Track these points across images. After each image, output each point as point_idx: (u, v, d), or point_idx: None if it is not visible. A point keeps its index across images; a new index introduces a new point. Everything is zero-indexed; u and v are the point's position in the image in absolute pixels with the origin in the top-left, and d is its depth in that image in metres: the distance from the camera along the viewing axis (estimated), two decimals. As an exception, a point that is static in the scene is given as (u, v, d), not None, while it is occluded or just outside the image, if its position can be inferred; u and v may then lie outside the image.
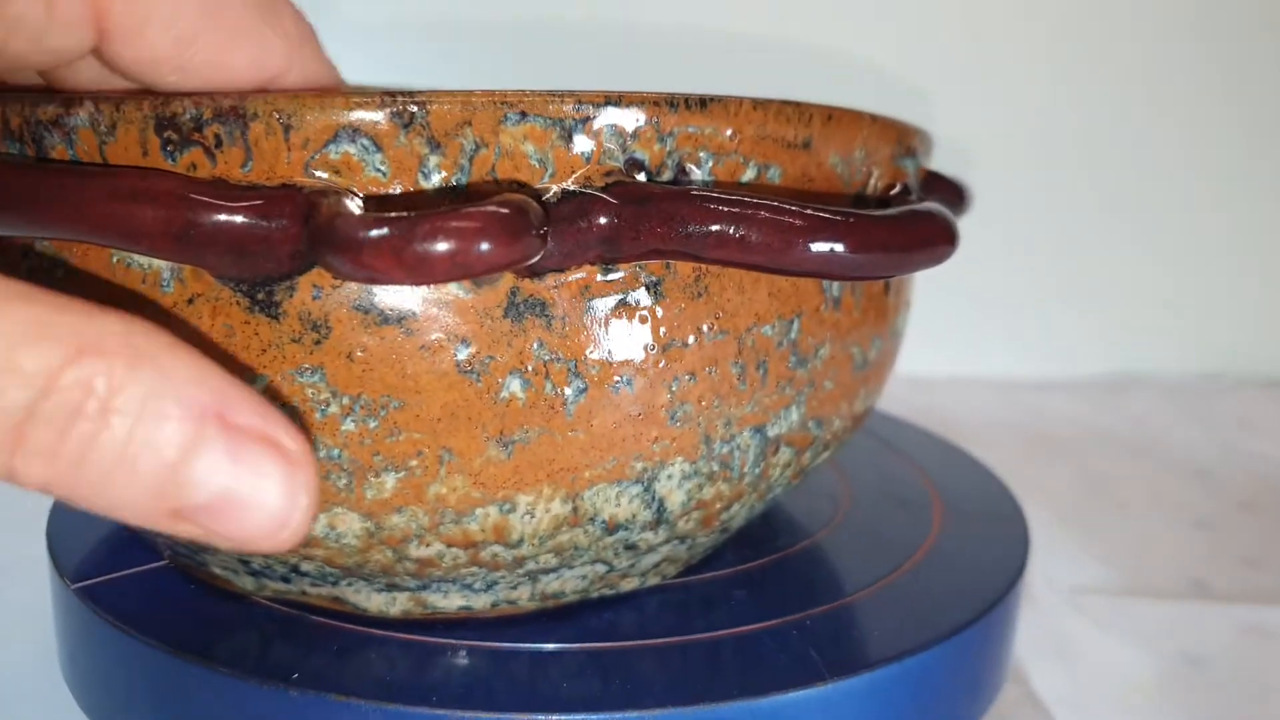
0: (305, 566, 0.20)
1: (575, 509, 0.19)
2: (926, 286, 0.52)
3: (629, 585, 0.23)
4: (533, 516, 0.19)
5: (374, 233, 0.14)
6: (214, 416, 0.13)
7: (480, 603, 0.21)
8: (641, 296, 0.18)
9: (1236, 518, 0.38)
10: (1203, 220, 0.54)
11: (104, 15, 0.15)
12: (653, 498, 0.20)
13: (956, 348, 0.53)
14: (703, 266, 0.18)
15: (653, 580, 0.23)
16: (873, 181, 0.21)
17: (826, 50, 0.49)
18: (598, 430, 0.19)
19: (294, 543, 0.14)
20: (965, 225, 0.25)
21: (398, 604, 0.21)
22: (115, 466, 0.13)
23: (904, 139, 0.22)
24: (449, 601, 0.21)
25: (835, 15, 0.50)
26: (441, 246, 0.14)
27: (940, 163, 0.26)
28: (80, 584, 0.24)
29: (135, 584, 0.24)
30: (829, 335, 0.21)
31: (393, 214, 0.15)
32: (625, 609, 0.23)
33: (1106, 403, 0.51)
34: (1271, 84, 0.52)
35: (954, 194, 0.25)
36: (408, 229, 0.14)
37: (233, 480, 0.13)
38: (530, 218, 0.15)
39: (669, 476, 0.20)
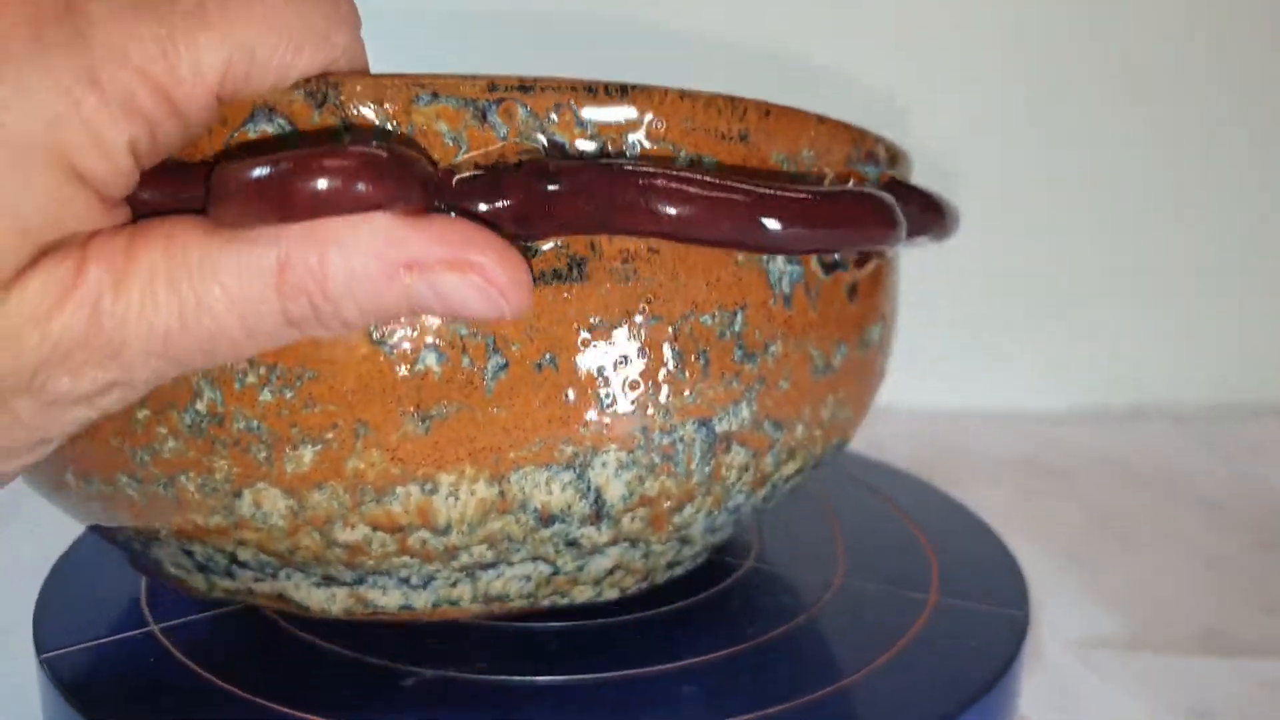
0: (243, 555, 0.20)
1: (502, 493, 0.19)
2: (927, 318, 0.52)
3: (582, 595, 0.22)
4: (457, 499, 0.19)
5: (250, 174, 0.15)
6: (403, 269, 0.16)
7: (421, 602, 0.21)
8: (563, 275, 0.18)
9: (1251, 557, 0.37)
10: (1214, 243, 0.53)
11: (223, 90, 0.17)
12: (588, 487, 0.19)
13: (961, 380, 0.52)
14: (630, 249, 0.18)
15: (609, 593, 0.22)
16: (826, 183, 0.21)
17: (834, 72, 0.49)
18: (520, 410, 0.18)
19: (524, 313, 0.17)
20: (969, 255, 0.24)
21: (338, 601, 0.21)
22: (368, 320, 0.17)
23: (862, 144, 0.22)
24: (389, 599, 0.21)
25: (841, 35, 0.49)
26: (318, 184, 0.15)
27: (937, 185, 0.25)
28: (47, 654, 0.23)
29: (103, 654, 0.23)
30: (780, 332, 0.20)
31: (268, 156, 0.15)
32: (565, 701, 0.21)
33: (1115, 434, 0.50)
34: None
35: (927, 206, 0.24)
36: (281, 167, 0.15)
37: (445, 304, 0.16)
38: (413, 164, 0.16)
39: (603, 465, 0.19)
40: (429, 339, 0.18)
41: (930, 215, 0.24)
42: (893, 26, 0.50)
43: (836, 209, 0.18)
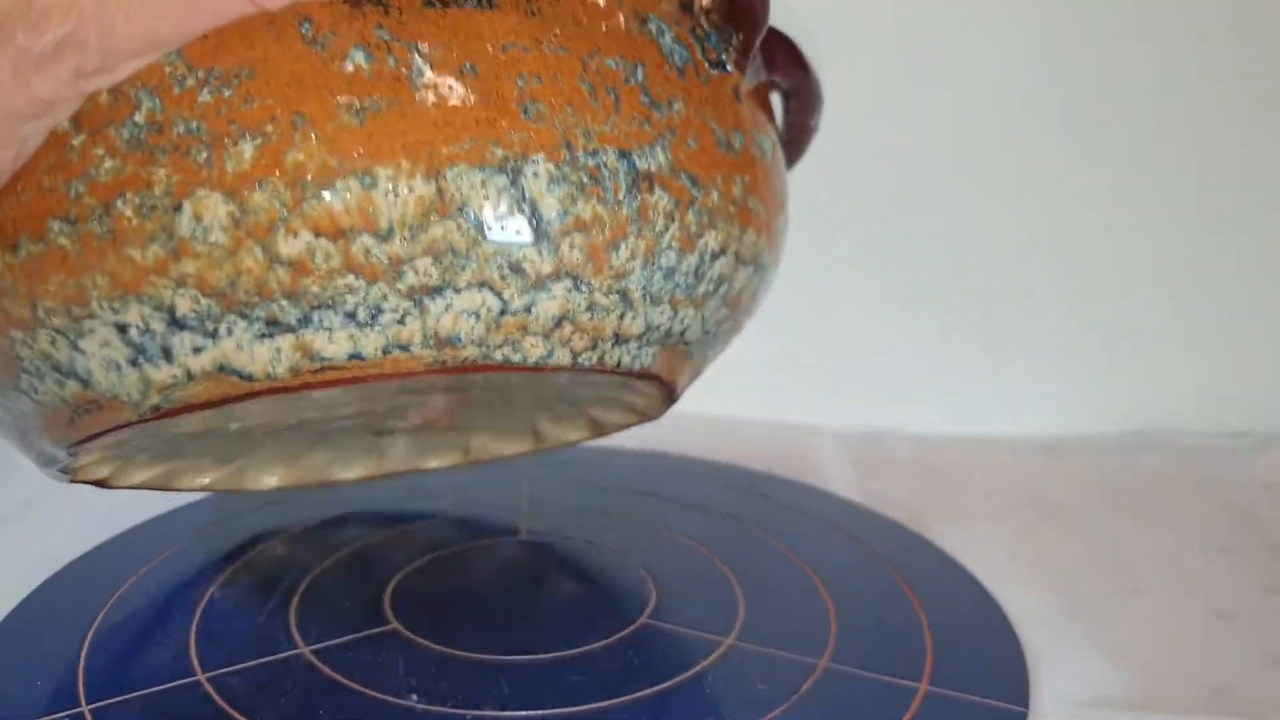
0: (181, 305, 0.20)
1: (440, 191, 0.20)
2: (926, 341, 0.50)
3: (535, 350, 0.22)
4: (396, 196, 0.20)
5: None
6: None
7: (370, 347, 0.21)
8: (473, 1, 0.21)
9: (1263, 606, 0.35)
10: (1224, 269, 0.51)
11: None
12: (523, 195, 0.20)
13: (960, 406, 0.51)
14: None
15: (560, 353, 0.22)
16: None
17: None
18: (448, 108, 0.20)
19: None
20: (970, 277, 0.23)
21: (283, 359, 0.21)
22: None
23: None
24: (336, 346, 0.21)
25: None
26: None
27: (936, 200, 0.25)
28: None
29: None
30: (680, 95, 0.23)
31: None
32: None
33: (1120, 465, 0.48)
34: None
35: (792, 56, 0.27)
36: None
37: None
38: None
39: (535, 175, 0.20)
40: (355, 40, 0.20)
41: (792, 65, 0.27)
42: (892, 25, 0.48)
43: None
